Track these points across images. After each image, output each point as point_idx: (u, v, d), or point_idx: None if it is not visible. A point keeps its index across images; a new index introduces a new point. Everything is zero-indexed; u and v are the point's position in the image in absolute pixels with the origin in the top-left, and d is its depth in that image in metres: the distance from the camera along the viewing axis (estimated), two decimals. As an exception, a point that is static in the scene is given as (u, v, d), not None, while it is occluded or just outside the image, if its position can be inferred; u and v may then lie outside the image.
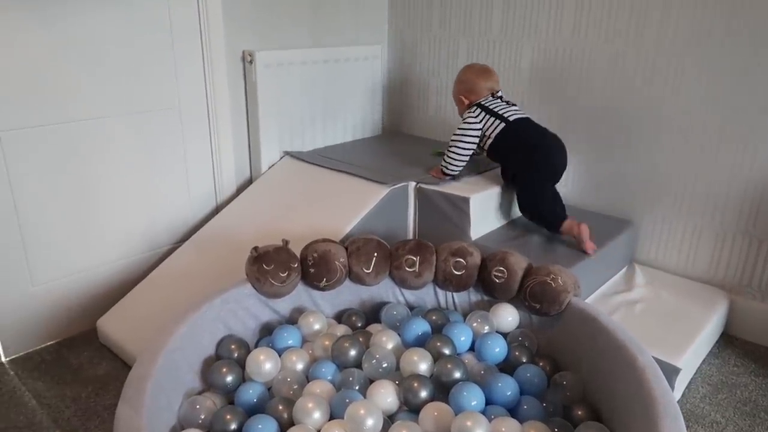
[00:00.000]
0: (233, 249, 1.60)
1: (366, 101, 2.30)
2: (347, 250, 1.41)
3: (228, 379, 1.20)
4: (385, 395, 1.15)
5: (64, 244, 1.61)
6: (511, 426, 1.07)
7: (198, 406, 1.12)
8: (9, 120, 1.45)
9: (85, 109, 1.58)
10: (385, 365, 1.23)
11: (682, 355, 1.41)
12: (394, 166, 1.90)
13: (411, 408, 1.15)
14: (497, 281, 1.36)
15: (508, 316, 1.37)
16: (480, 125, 1.73)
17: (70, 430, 1.31)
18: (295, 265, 1.35)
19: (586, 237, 1.62)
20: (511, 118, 1.71)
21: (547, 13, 1.91)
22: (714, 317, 1.60)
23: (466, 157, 1.75)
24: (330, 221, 1.65)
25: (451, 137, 1.76)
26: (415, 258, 1.41)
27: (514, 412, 1.15)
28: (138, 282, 1.72)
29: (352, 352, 1.26)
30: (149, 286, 1.68)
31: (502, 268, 1.36)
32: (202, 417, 1.11)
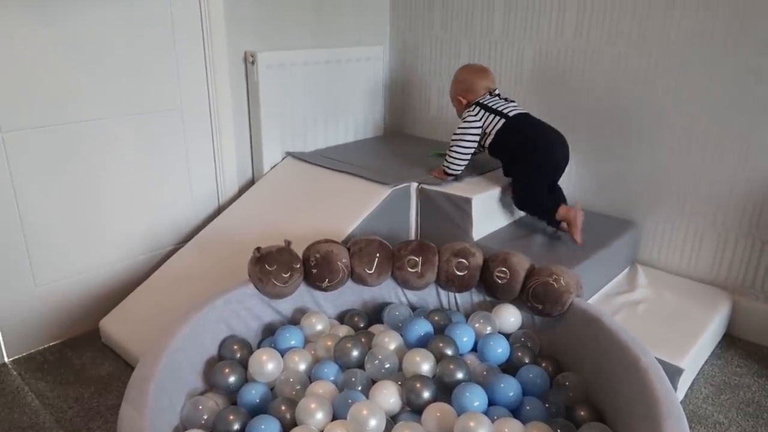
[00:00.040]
0: (235, 250, 1.60)
1: (368, 102, 2.30)
2: (349, 250, 1.41)
3: (230, 379, 1.20)
4: (388, 396, 1.15)
5: (66, 244, 1.62)
6: (514, 427, 1.07)
7: (201, 407, 1.12)
8: (13, 121, 1.45)
9: (88, 110, 1.58)
10: (387, 366, 1.23)
11: (685, 356, 1.41)
12: (395, 167, 1.90)
13: (414, 409, 1.15)
14: (500, 282, 1.36)
15: (511, 317, 1.37)
16: (480, 123, 1.73)
17: (73, 430, 1.31)
18: (298, 265, 1.35)
19: (579, 224, 1.62)
20: (511, 113, 1.71)
21: (549, 15, 1.91)
22: (717, 318, 1.59)
23: (468, 157, 1.75)
24: (332, 222, 1.65)
25: (452, 137, 1.76)
26: (417, 258, 1.41)
27: (516, 413, 1.14)
28: (140, 282, 1.72)
29: (355, 353, 1.26)
30: (151, 287, 1.69)
31: (504, 269, 1.36)
32: (205, 417, 1.11)
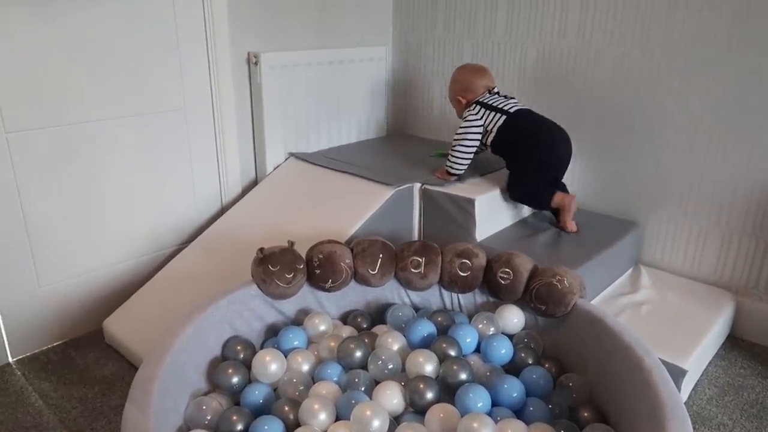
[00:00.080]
0: (239, 250, 1.60)
1: (371, 102, 2.31)
2: (353, 251, 1.41)
3: (234, 380, 1.20)
4: (391, 396, 1.15)
5: (70, 245, 1.62)
6: (517, 428, 1.07)
7: (204, 407, 1.12)
8: (17, 122, 1.46)
9: (91, 111, 1.58)
10: (390, 366, 1.23)
11: (689, 357, 1.41)
12: (398, 168, 1.90)
13: (417, 409, 1.15)
14: (503, 282, 1.36)
15: (514, 318, 1.37)
16: (481, 122, 1.73)
17: (77, 430, 1.32)
18: (301, 266, 1.35)
19: (571, 210, 1.64)
20: (512, 110, 1.71)
21: (552, 15, 1.90)
22: (720, 319, 1.59)
23: (471, 156, 1.75)
24: (335, 222, 1.65)
25: (454, 137, 1.76)
26: (420, 259, 1.41)
27: (520, 414, 1.14)
28: (144, 283, 1.72)
29: (358, 354, 1.26)
30: (155, 287, 1.69)
31: (507, 270, 1.36)
32: (209, 418, 1.11)
